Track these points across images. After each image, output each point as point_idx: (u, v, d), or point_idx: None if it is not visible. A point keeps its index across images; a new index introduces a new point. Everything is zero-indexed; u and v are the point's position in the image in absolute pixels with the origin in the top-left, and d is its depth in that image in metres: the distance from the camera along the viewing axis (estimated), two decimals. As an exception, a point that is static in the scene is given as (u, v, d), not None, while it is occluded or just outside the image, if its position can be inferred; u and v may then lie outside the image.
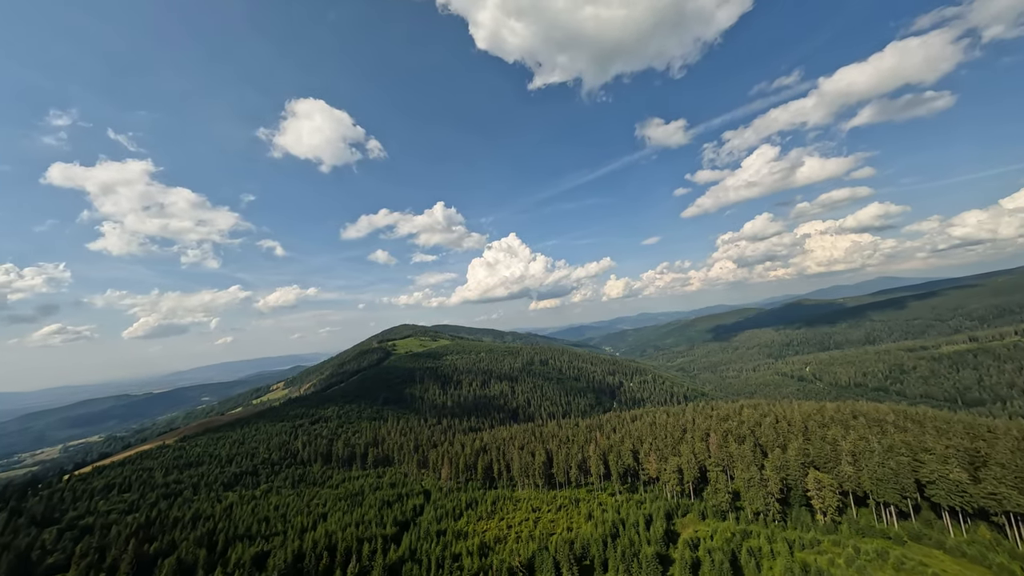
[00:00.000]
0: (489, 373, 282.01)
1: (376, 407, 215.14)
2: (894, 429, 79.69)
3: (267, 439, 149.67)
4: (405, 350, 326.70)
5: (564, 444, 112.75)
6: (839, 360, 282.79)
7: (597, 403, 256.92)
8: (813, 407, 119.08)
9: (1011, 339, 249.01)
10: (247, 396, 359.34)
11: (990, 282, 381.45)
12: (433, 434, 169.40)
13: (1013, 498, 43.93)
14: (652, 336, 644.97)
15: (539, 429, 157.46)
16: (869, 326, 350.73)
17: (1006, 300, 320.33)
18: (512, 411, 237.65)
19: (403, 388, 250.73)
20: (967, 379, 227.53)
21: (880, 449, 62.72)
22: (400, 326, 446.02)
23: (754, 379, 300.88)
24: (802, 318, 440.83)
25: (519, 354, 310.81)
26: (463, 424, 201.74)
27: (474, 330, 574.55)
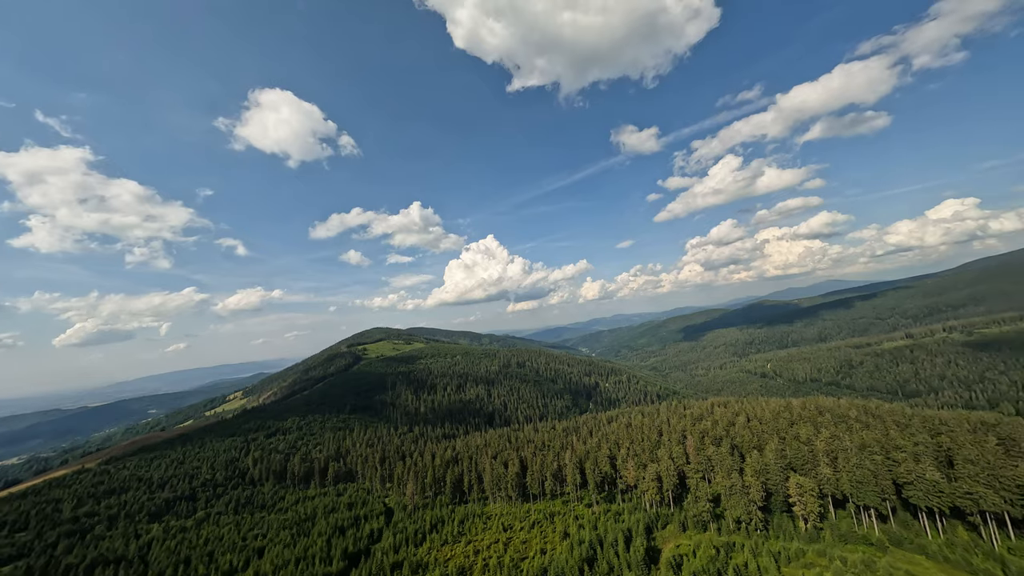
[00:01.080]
0: (465, 377, 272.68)
1: (342, 416, 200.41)
2: (860, 426, 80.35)
3: (213, 456, 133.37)
4: (377, 354, 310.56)
5: (540, 451, 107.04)
6: (796, 357, 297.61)
7: (574, 404, 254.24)
8: (780, 404, 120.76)
9: (940, 335, 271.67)
10: (200, 408, 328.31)
11: (920, 284, 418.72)
12: (403, 443, 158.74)
13: (988, 497, 42.96)
14: (626, 337, 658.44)
15: (515, 434, 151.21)
16: (821, 325, 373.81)
17: (935, 300, 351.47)
18: (488, 415, 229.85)
19: (373, 395, 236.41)
20: (905, 372, 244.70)
21: (853, 447, 61.87)
22: (372, 329, 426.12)
23: (721, 377, 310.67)
24: (763, 318, 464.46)
25: (496, 356, 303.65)
26: (437, 431, 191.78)
27: (451, 332, 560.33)
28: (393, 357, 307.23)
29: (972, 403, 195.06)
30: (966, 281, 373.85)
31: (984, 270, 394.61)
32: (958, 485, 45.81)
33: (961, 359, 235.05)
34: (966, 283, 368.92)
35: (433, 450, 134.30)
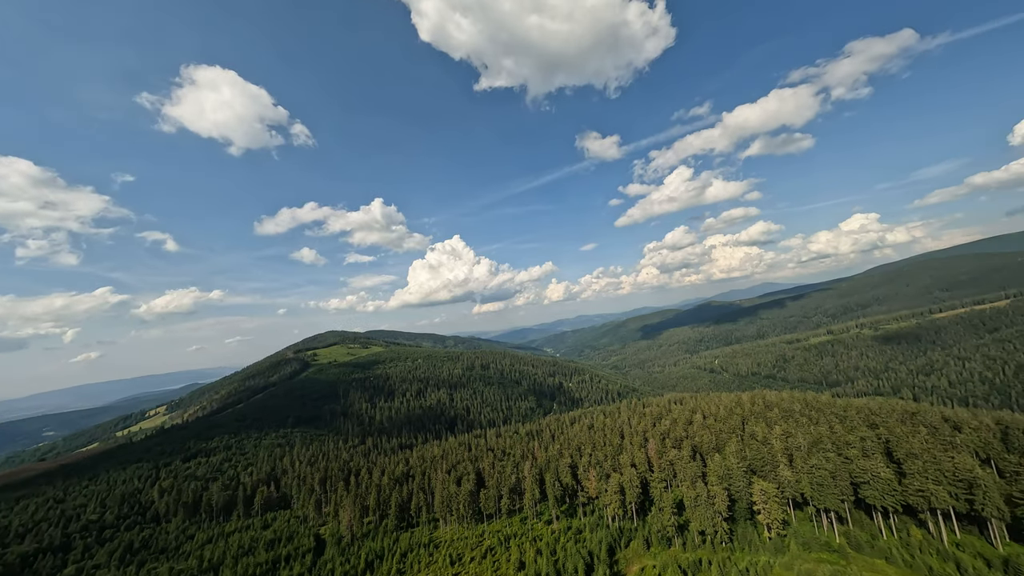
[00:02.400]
0: (426, 381, 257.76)
1: (283, 431, 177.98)
2: (807, 420, 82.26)
3: (107, 490, 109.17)
4: (329, 360, 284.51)
5: (499, 461, 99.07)
6: (740, 353, 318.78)
7: (538, 406, 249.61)
8: (732, 400, 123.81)
9: (854, 331, 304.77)
10: (110, 427, 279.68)
11: (837, 287, 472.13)
12: (352, 458, 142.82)
13: (940, 494, 42.59)
14: (589, 337, 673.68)
15: (476, 441, 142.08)
16: (760, 323, 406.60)
17: (848, 300, 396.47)
18: (450, 420, 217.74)
19: (322, 404, 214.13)
20: (828, 365, 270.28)
21: (806, 444, 61.48)
22: (326, 333, 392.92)
23: (676, 373, 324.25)
24: (711, 317, 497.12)
25: (460, 359, 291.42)
26: (392, 442, 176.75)
27: (413, 335, 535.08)
28: (348, 362, 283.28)
29: (880, 390, 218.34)
30: (871, 284, 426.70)
31: (884, 275, 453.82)
32: (909, 482, 45.45)
33: (870, 352, 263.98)
34: (871, 286, 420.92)
35: (384, 465, 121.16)
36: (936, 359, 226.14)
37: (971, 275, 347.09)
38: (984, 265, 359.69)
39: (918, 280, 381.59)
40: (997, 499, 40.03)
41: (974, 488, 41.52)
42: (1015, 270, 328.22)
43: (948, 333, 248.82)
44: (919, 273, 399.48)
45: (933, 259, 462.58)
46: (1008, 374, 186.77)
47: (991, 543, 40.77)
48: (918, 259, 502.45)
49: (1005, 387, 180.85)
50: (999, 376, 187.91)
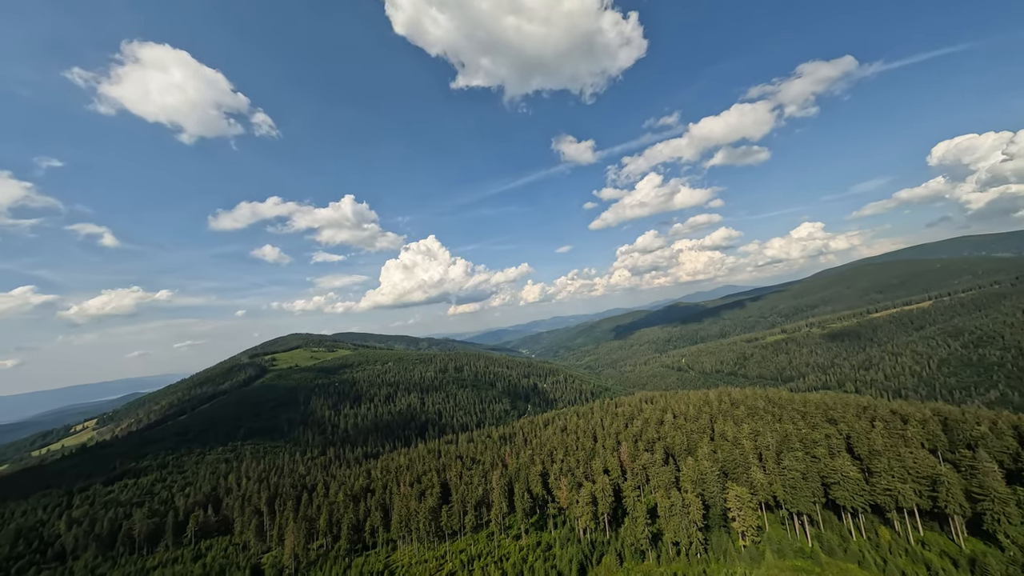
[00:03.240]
0: (396, 385, 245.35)
1: (232, 444, 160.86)
2: (772, 418, 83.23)
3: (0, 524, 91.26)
4: (289, 365, 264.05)
5: (467, 469, 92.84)
6: (704, 352, 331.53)
7: (512, 408, 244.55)
8: (700, 398, 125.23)
9: (804, 330, 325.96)
10: (25, 446, 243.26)
11: (789, 289, 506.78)
12: (310, 472, 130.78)
13: (906, 493, 42.18)
14: (564, 338, 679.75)
15: (446, 447, 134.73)
16: (722, 323, 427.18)
17: (799, 302, 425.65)
18: (422, 426, 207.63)
19: (279, 413, 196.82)
20: (783, 361, 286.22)
21: (774, 443, 60.93)
22: (289, 336, 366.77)
23: (646, 372, 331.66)
24: (678, 318, 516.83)
25: (432, 362, 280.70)
26: (357, 451, 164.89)
27: (385, 337, 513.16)
28: (311, 367, 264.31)
29: (827, 384, 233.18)
30: (818, 287, 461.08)
31: (828, 278, 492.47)
32: (876, 481, 44.99)
33: (819, 349, 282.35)
34: (818, 288, 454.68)
35: (344, 478, 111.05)
36: (874, 355, 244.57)
37: (900, 279, 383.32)
38: (910, 271, 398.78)
39: (857, 283, 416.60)
40: (960, 496, 40.12)
41: (937, 485, 41.50)
42: (934, 275, 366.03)
43: (883, 331, 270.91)
44: (857, 277, 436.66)
45: (869, 265, 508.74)
46: (933, 367, 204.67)
47: (952, 539, 40.87)
48: (856, 265, 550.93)
49: (931, 379, 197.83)
50: (925, 369, 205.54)
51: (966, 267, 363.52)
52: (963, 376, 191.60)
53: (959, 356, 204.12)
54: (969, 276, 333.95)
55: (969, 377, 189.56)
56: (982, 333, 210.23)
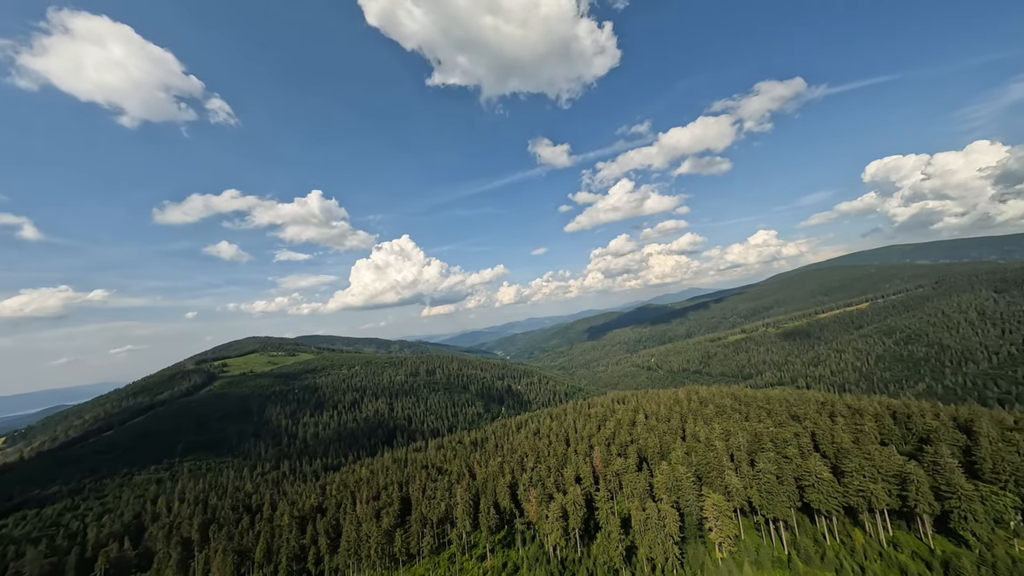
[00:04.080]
0: (363, 390, 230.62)
1: (168, 461, 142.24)
2: (740, 416, 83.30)
3: None
4: (243, 371, 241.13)
5: (432, 481, 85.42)
6: (672, 351, 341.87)
7: (486, 411, 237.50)
8: (669, 397, 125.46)
9: (761, 330, 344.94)
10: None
11: (748, 292, 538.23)
12: (259, 489, 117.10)
13: (879, 494, 41.09)
14: (539, 339, 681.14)
15: (413, 456, 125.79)
16: (689, 324, 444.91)
17: (756, 303, 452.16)
18: (389, 432, 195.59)
19: (227, 425, 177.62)
20: (742, 359, 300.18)
21: (746, 444, 59.60)
22: (245, 339, 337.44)
23: (617, 372, 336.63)
24: (648, 319, 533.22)
25: (403, 365, 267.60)
26: (316, 464, 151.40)
27: (354, 340, 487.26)
28: (267, 373, 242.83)
29: (782, 380, 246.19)
30: (772, 290, 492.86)
31: (781, 282, 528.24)
32: (848, 482, 43.84)
33: (774, 347, 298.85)
34: (772, 291, 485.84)
35: (295, 496, 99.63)
36: (821, 352, 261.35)
37: (841, 283, 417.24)
38: (849, 275, 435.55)
39: (805, 287, 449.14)
40: (929, 495, 39.57)
41: (907, 484, 40.83)
42: (869, 279, 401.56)
43: (829, 330, 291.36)
44: (806, 281, 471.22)
45: (815, 270, 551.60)
46: (871, 363, 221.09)
47: (920, 538, 40.31)
48: (804, 269, 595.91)
49: (870, 374, 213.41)
50: (865, 365, 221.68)
51: (894, 273, 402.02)
52: (896, 370, 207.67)
53: (892, 352, 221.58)
54: (898, 280, 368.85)
55: (901, 371, 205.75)
56: (910, 332, 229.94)
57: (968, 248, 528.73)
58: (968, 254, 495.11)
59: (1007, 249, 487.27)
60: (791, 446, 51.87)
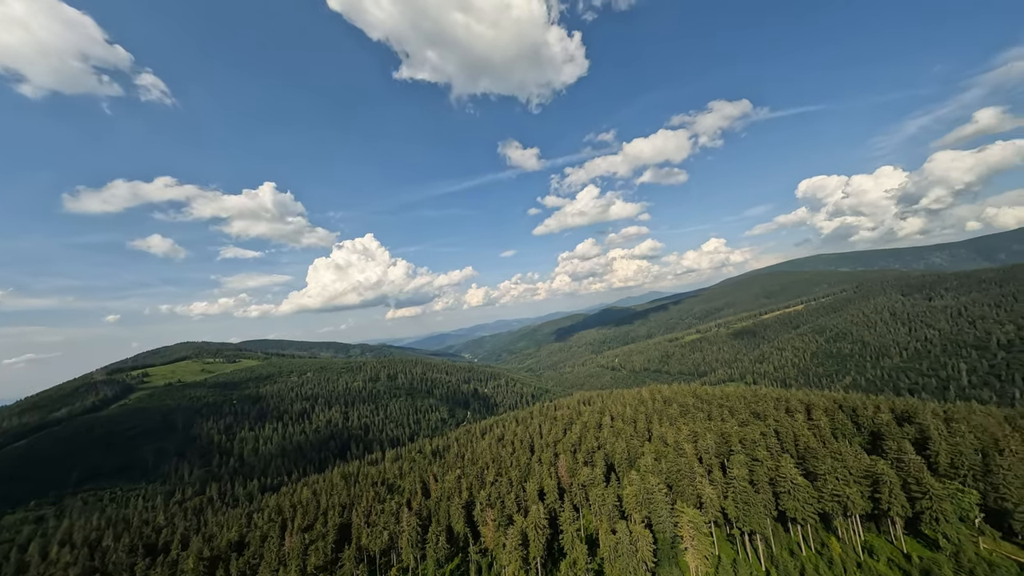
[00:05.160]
0: (314, 399, 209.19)
1: (57, 494, 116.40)
2: (703, 416, 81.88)
3: None
4: (168, 380, 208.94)
5: (380, 502, 74.49)
6: (635, 351, 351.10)
7: (451, 416, 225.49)
8: (634, 397, 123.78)
9: (714, 330, 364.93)
10: None
11: (701, 294, 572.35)
12: (173, 521, 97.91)
13: (855, 498, 38.57)
14: (507, 341, 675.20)
15: (366, 470, 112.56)
16: (649, 325, 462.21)
17: (709, 305, 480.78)
18: (343, 444, 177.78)
19: (142, 444, 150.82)
20: (698, 358, 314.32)
21: (715, 447, 56.60)
22: (176, 345, 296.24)
23: (583, 372, 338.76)
24: (612, 320, 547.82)
25: (361, 370, 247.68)
26: (252, 485, 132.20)
27: (309, 344, 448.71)
28: (200, 382, 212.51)
29: (732, 377, 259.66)
30: (723, 293, 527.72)
31: (730, 286, 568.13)
32: (822, 485, 41.20)
33: (725, 346, 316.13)
34: (723, 294, 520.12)
35: (216, 527, 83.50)
36: (766, 350, 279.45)
37: (781, 287, 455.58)
38: (786, 280, 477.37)
39: (750, 290, 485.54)
40: (901, 496, 37.75)
41: (879, 485, 38.87)
42: (803, 284, 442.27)
43: (771, 330, 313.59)
44: (751, 285, 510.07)
45: (759, 275, 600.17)
46: (807, 359, 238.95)
47: (891, 541, 38.45)
48: (749, 275, 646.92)
49: (806, 369, 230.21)
50: (802, 361, 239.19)
51: (822, 279, 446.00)
52: (828, 366, 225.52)
53: (824, 349, 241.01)
54: (825, 285, 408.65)
55: (832, 366, 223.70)
56: (838, 331, 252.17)
57: (878, 258, 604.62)
58: (878, 263, 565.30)
59: (907, 259, 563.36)
60: (760, 447, 49.19)
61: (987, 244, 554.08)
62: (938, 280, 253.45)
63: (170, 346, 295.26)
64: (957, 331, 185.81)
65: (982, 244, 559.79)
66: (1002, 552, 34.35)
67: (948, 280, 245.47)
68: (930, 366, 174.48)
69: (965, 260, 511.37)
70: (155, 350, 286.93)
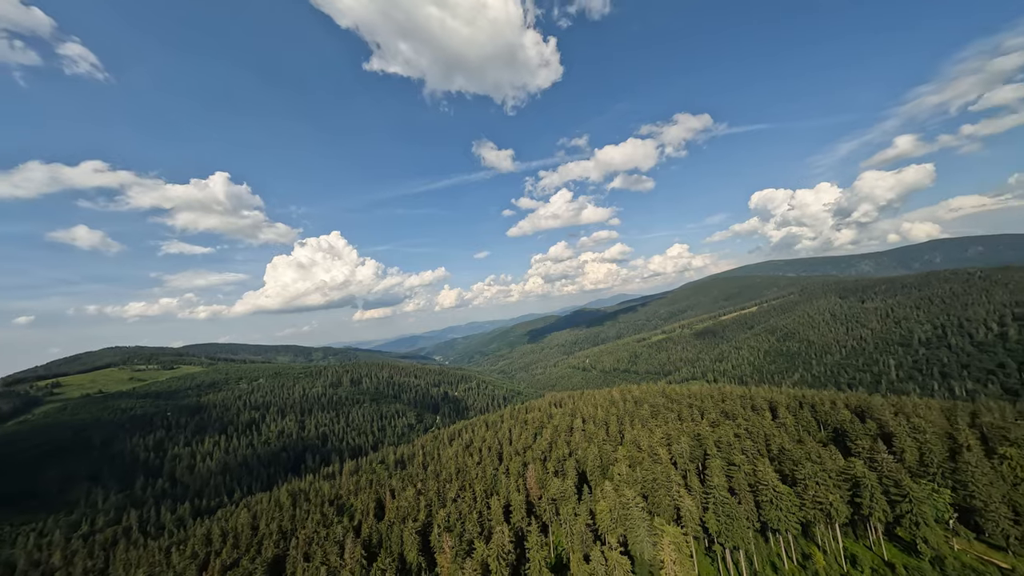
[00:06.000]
0: (265, 407, 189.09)
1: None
2: (673, 416, 79.89)
3: None
4: (87, 391, 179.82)
5: (325, 527, 64.55)
6: (605, 352, 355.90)
7: (419, 421, 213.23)
8: (604, 397, 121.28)
9: (679, 331, 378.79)
10: None
11: (667, 297, 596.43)
12: (73, 560, 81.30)
13: (838, 504, 36.01)
14: (479, 343, 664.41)
15: (320, 486, 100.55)
16: (619, 326, 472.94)
17: (674, 307, 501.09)
18: (297, 456, 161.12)
19: (48, 467, 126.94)
20: (663, 358, 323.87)
21: (689, 450, 53.48)
22: (103, 350, 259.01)
23: (555, 373, 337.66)
24: (584, 321, 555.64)
25: (321, 375, 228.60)
26: (184, 509, 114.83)
27: (265, 348, 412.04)
28: (127, 392, 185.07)
29: (695, 375, 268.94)
30: (686, 295, 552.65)
31: (692, 289, 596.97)
32: (803, 491, 38.55)
33: (689, 346, 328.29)
34: (685, 297, 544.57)
35: (120, 571, 69.11)
36: (725, 349, 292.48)
37: (737, 290, 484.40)
38: (742, 284, 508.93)
39: (710, 293, 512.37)
40: (882, 500, 35.80)
41: (860, 488, 36.79)
42: (756, 288, 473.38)
43: (730, 330, 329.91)
44: (711, 288, 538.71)
45: (717, 279, 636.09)
46: (761, 357, 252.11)
47: (870, 547, 36.45)
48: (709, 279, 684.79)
49: (761, 367, 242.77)
50: (757, 359, 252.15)
51: (772, 283, 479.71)
52: (779, 363, 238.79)
53: (776, 348, 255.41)
54: (775, 289, 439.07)
55: (782, 363, 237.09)
56: (787, 330, 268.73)
57: (818, 265, 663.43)
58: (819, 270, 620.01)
59: (842, 266, 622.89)
60: (735, 450, 46.46)
61: (905, 254, 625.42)
62: (869, 285, 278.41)
63: (95, 352, 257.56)
64: (886, 330, 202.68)
65: (901, 254, 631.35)
66: (975, 553, 33.14)
67: (877, 285, 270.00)
68: (865, 362, 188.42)
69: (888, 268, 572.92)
70: (74, 356, 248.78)
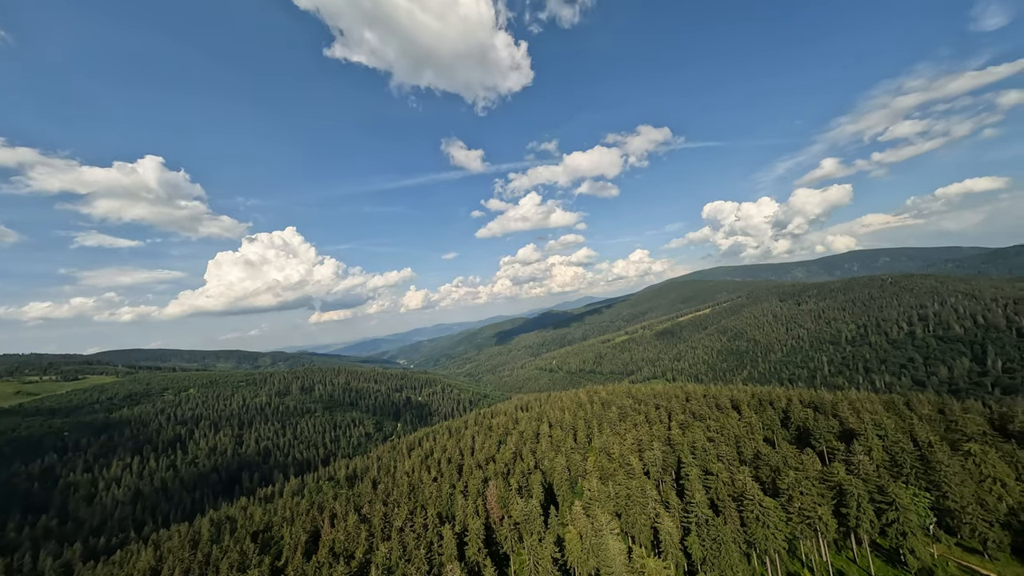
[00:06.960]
0: (195, 422, 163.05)
1: None
2: (641, 418, 76.41)
3: None
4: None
5: (241, 570, 51.94)
6: (571, 353, 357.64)
7: (377, 430, 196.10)
8: (572, 399, 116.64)
9: (640, 332, 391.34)
10: None
11: (630, 299, 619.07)
12: None
13: (827, 517, 32.31)
14: (446, 345, 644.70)
15: (253, 511, 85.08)
16: (585, 327, 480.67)
17: (636, 310, 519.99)
18: (231, 477, 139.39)
19: None
20: (626, 358, 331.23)
21: (661, 457, 49.00)
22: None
23: (522, 375, 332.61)
24: (551, 323, 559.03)
25: (266, 383, 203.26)
26: (72, 551, 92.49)
27: (203, 354, 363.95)
28: (10, 410, 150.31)
29: (655, 374, 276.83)
30: (647, 298, 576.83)
31: (652, 292, 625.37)
32: (788, 504, 34.77)
33: (650, 346, 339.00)
34: (647, 299, 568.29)
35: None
36: (682, 349, 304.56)
37: (692, 293, 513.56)
38: (696, 288, 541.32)
39: (668, 296, 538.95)
40: (869, 510, 32.78)
41: (846, 498, 33.61)
42: (708, 291, 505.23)
43: (686, 331, 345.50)
44: (669, 292, 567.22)
45: (675, 283, 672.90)
46: (714, 356, 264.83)
47: (855, 561, 33.40)
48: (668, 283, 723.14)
49: (714, 365, 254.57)
50: (711, 357, 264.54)
51: (722, 287, 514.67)
52: (730, 361, 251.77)
53: (727, 347, 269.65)
54: (725, 293, 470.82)
55: (733, 362, 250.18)
56: (736, 331, 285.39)
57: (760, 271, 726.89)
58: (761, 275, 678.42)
59: (780, 273, 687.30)
60: (710, 456, 42.47)
61: (829, 263, 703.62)
62: (803, 289, 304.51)
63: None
64: (819, 329, 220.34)
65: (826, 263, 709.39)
66: (955, 559, 31.13)
67: (810, 289, 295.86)
68: (802, 359, 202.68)
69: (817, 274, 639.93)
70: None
